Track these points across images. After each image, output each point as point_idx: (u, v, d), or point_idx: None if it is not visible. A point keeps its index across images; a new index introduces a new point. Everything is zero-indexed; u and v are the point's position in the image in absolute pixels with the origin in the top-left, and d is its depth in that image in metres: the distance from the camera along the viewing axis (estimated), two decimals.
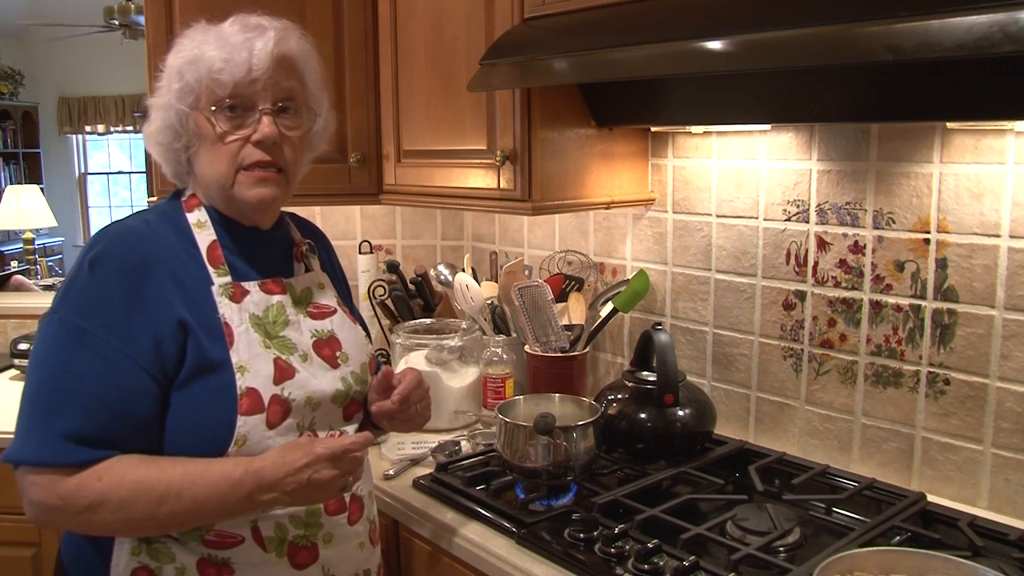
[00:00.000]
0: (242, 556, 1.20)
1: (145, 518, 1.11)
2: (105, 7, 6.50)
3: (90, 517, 1.10)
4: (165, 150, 1.27)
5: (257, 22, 1.24)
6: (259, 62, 1.20)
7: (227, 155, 1.23)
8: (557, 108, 1.74)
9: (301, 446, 1.15)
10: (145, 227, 1.23)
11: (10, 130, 9.35)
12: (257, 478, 1.12)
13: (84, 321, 1.13)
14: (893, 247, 1.56)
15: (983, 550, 1.29)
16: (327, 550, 1.26)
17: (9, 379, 2.51)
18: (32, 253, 5.90)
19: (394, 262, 2.25)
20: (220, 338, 1.19)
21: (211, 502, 1.12)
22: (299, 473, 1.12)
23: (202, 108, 1.22)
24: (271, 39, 1.22)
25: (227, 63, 1.19)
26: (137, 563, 1.18)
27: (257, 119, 1.22)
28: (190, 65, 1.21)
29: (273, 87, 1.23)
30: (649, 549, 1.26)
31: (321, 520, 1.26)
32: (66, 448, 1.09)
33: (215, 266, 1.23)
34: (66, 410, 1.10)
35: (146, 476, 1.11)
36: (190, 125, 1.23)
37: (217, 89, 1.20)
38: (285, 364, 1.23)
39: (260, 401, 1.19)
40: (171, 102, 1.23)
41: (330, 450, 1.14)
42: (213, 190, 1.27)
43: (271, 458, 1.14)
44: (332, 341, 1.33)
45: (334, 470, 1.14)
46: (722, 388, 1.87)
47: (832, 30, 1.11)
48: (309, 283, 1.36)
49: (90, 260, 1.16)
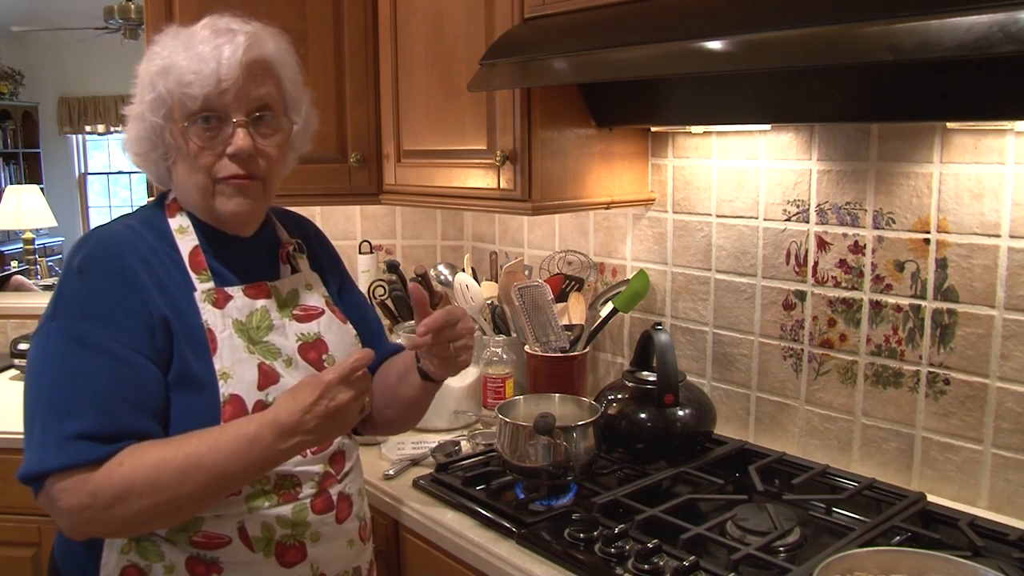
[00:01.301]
0: (230, 556, 1.20)
1: (173, 497, 1.09)
2: (105, 7, 6.50)
3: (121, 509, 1.08)
4: (143, 159, 1.27)
5: (227, 25, 1.21)
6: (228, 72, 1.16)
7: (202, 168, 1.21)
8: (557, 108, 1.74)
9: (307, 383, 1.13)
10: (128, 232, 1.22)
11: (10, 130, 9.36)
12: (275, 426, 1.10)
13: (84, 323, 1.13)
14: (893, 247, 1.56)
15: (983, 550, 1.29)
16: (315, 548, 1.26)
17: (9, 379, 2.51)
18: (32, 253, 5.90)
19: (394, 262, 2.25)
20: (203, 345, 1.18)
21: (233, 463, 1.10)
22: (315, 407, 1.10)
23: (176, 120, 1.20)
24: (240, 45, 1.18)
25: (196, 75, 1.16)
26: (127, 561, 1.18)
27: (231, 132, 1.20)
28: (161, 76, 1.19)
29: (245, 97, 1.19)
30: (649, 549, 1.26)
31: (308, 519, 1.25)
32: (88, 447, 1.08)
33: (197, 272, 1.23)
34: (81, 411, 1.09)
35: (164, 453, 1.10)
36: (166, 137, 1.22)
37: (188, 102, 1.18)
38: (269, 369, 1.23)
39: (243, 407, 1.19)
40: (145, 113, 1.21)
41: (338, 373, 1.11)
42: (192, 202, 1.26)
43: (282, 403, 1.13)
44: (318, 344, 1.33)
45: (349, 391, 1.12)
46: (722, 388, 1.87)
47: (832, 30, 1.11)
48: (296, 285, 1.35)
49: (78, 266, 1.16)
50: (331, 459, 1.30)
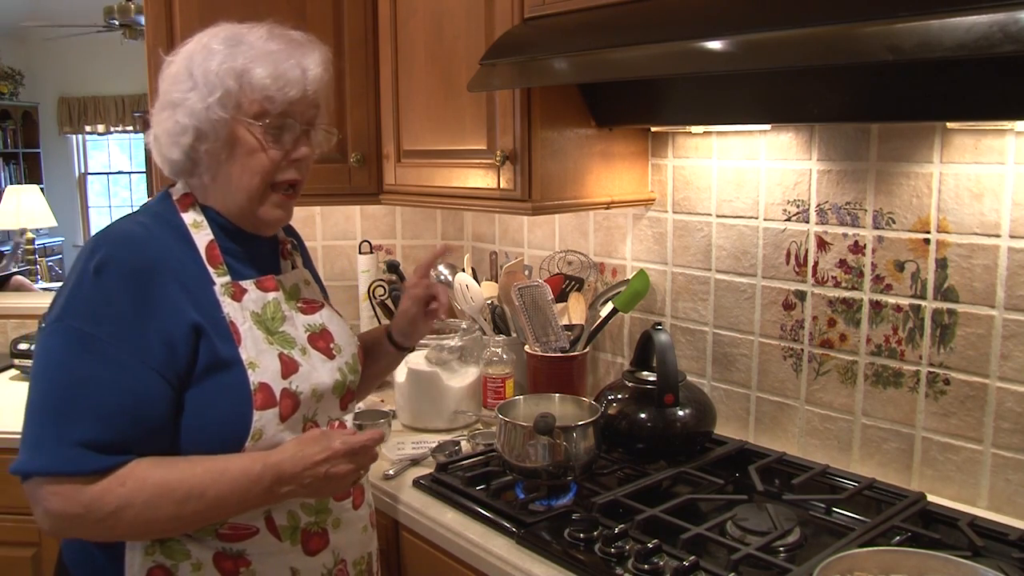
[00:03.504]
0: (257, 547, 1.21)
1: (168, 519, 1.12)
2: (105, 7, 6.50)
3: (113, 523, 1.10)
4: (181, 150, 1.24)
5: (294, 37, 1.26)
6: (313, 83, 1.23)
7: (263, 169, 1.23)
8: (557, 108, 1.74)
9: (318, 440, 1.18)
10: (143, 231, 1.22)
11: (10, 130, 9.36)
12: (276, 471, 1.15)
13: (93, 328, 1.12)
14: (893, 247, 1.56)
15: (983, 550, 1.29)
16: (336, 535, 1.29)
17: (9, 379, 2.51)
18: (32, 253, 5.90)
19: (394, 262, 2.25)
20: (228, 337, 1.20)
21: (233, 497, 1.14)
22: (317, 467, 1.16)
23: (241, 118, 1.21)
24: (319, 61, 1.25)
25: (278, 80, 1.20)
26: (152, 563, 1.18)
27: (296, 137, 1.24)
28: (233, 74, 1.20)
29: (310, 108, 1.25)
30: (649, 549, 1.26)
31: (330, 506, 1.29)
32: (85, 456, 1.08)
33: (214, 266, 1.24)
34: (81, 418, 1.09)
35: (168, 477, 1.12)
36: (222, 132, 1.21)
37: (267, 104, 1.20)
38: (288, 358, 1.25)
39: (272, 396, 1.20)
40: (207, 106, 1.20)
41: (348, 445, 1.17)
42: (235, 200, 1.26)
43: (289, 452, 1.17)
44: (325, 334, 1.35)
45: (350, 464, 1.18)
46: (722, 388, 1.87)
47: (832, 30, 1.11)
48: (296, 279, 1.38)
49: (95, 267, 1.14)
50: None
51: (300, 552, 1.25)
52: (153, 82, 1.93)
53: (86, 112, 9.66)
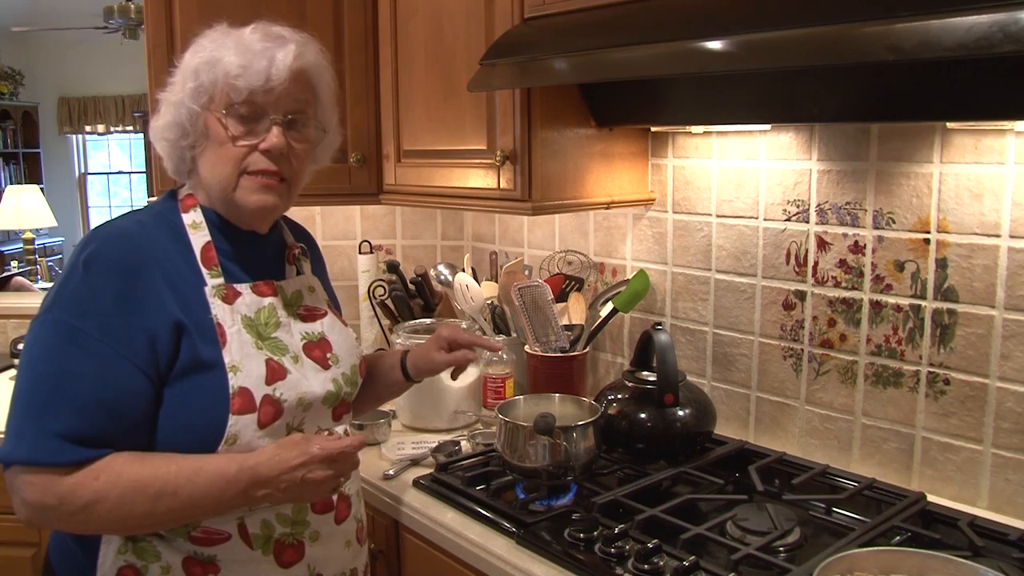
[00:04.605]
0: (228, 553, 1.20)
1: (142, 515, 1.12)
2: (105, 7, 6.50)
3: (86, 516, 1.11)
4: (171, 146, 1.28)
5: (279, 32, 1.26)
6: (278, 73, 1.21)
7: (233, 158, 1.23)
8: (557, 108, 1.74)
9: (297, 444, 1.17)
10: (138, 228, 1.23)
11: (10, 130, 9.36)
12: (252, 474, 1.14)
13: (78, 321, 1.13)
14: (893, 247, 1.56)
15: (983, 550, 1.29)
16: (313, 548, 1.27)
17: (9, 379, 2.51)
18: (32, 253, 5.90)
19: (394, 262, 2.25)
20: (213, 339, 1.19)
21: (207, 499, 1.14)
22: (293, 472, 1.15)
23: (214, 109, 1.23)
24: (291, 52, 1.23)
25: (245, 69, 1.20)
26: (123, 562, 1.18)
27: (267, 128, 1.23)
28: (207, 66, 1.22)
29: (287, 99, 1.24)
30: (649, 549, 1.26)
31: (308, 518, 1.27)
32: (62, 447, 1.09)
33: (208, 267, 1.24)
34: (61, 410, 1.10)
35: (142, 474, 1.12)
36: (199, 124, 1.24)
37: (232, 93, 1.21)
38: (277, 365, 1.24)
39: (252, 401, 1.19)
40: (183, 100, 1.23)
41: (326, 451, 1.16)
42: (214, 192, 1.27)
43: (267, 455, 1.16)
44: (323, 343, 1.34)
45: (328, 470, 1.17)
46: (722, 388, 1.87)
47: (832, 30, 1.11)
48: (300, 286, 1.37)
49: (84, 261, 1.16)
50: None
51: (272, 563, 1.23)
52: (153, 82, 1.94)
53: (86, 112, 9.67)
